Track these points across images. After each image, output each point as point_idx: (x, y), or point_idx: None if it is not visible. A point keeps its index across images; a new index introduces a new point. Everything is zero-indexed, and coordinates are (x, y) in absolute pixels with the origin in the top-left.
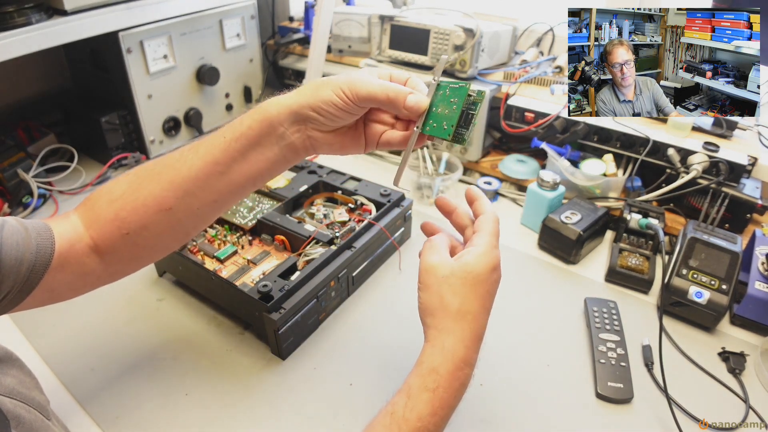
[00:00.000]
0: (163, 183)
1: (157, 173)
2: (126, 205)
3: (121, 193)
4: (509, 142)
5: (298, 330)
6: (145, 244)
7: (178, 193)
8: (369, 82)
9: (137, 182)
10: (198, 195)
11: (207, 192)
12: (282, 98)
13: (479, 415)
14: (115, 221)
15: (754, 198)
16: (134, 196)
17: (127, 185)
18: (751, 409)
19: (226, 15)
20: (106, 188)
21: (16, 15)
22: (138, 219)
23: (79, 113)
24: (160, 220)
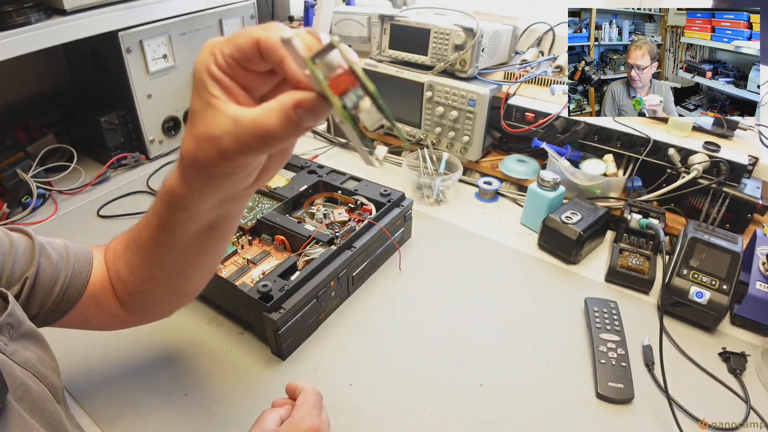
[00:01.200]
0: (137, 255)
1: (134, 243)
2: (125, 266)
3: (122, 253)
4: (509, 142)
5: (298, 330)
6: (151, 302)
7: (153, 264)
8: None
9: (126, 247)
10: (161, 267)
11: (166, 262)
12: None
13: (480, 415)
14: (119, 281)
15: (755, 198)
16: (126, 260)
17: (125, 245)
18: (752, 410)
19: (226, 15)
20: (117, 241)
21: (16, 14)
22: (133, 284)
23: (78, 113)
24: (150, 288)
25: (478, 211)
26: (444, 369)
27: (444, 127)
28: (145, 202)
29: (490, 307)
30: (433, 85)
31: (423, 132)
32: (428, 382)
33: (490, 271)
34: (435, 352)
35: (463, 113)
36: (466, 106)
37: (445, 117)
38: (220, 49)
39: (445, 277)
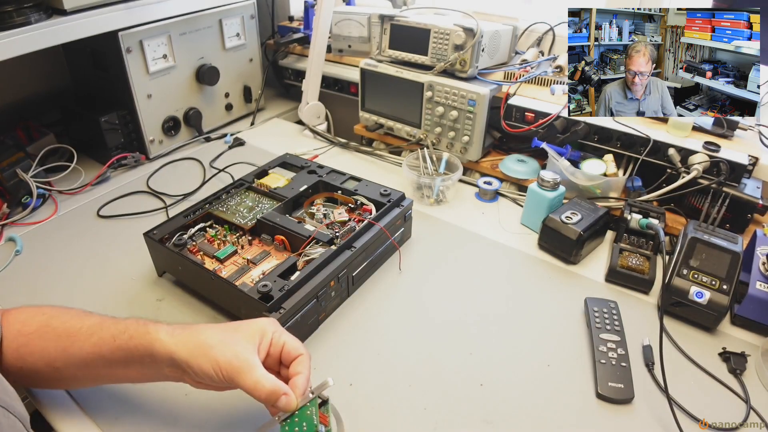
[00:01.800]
0: (59, 347)
1: (58, 335)
2: (28, 345)
3: (30, 332)
4: (509, 142)
5: (298, 330)
6: (35, 381)
7: (67, 361)
8: (248, 375)
9: (45, 331)
10: (83, 371)
11: (92, 372)
12: (168, 341)
13: (480, 415)
14: (15, 353)
15: (755, 198)
16: (37, 342)
17: (37, 327)
18: (752, 410)
19: (226, 15)
20: (27, 315)
21: (16, 14)
22: (32, 363)
23: (78, 113)
24: (50, 374)
25: (478, 211)
26: (444, 369)
27: (444, 127)
28: (145, 202)
29: (490, 307)
30: (433, 85)
31: (423, 132)
32: (428, 382)
33: (490, 271)
34: (435, 352)
35: (463, 113)
36: (466, 106)
37: (445, 117)
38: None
39: (445, 277)
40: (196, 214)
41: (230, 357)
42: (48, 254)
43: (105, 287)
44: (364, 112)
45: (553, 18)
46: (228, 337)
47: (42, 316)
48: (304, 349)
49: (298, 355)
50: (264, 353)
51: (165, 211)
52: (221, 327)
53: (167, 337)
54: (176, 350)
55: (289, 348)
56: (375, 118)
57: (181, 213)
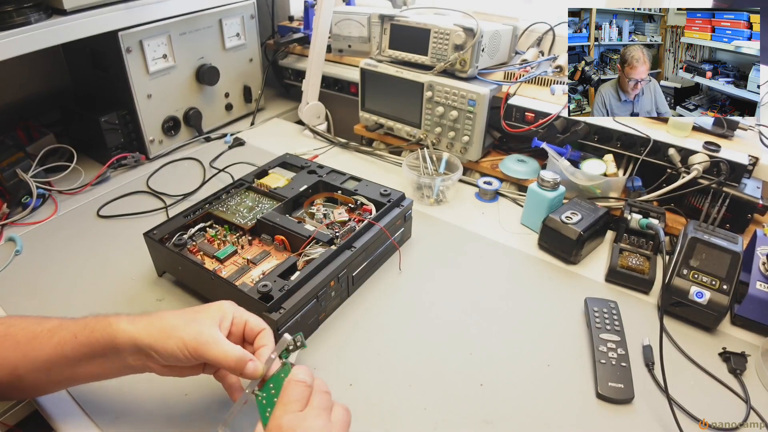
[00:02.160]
0: (20, 353)
1: (18, 341)
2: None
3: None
4: (509, 142)
5: (298, 330)
6: (1, 391)
7: (29, 366)
8: (214, 347)
9: (5, 339)
10: (46, 374)
11: (54, 374)
12: (130, 328)
13: (480, 415)
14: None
15: (755, 198)
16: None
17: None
18: (753, 410)
19: (226, 14)
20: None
21: (15, 14)
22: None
23: (78, 113)
24: (13, 382)
25: (478, 211)
26: (444, 369)
27: (444, 127)
28: (145, 202)
29: (490, 307)
30: (433, 85)
31: (423, 132)
32: (428, 382)
33: (490, 271)
34: (435, 352)
35: (463, 113)
36: (466, 106)
37: (445, 117)
38: (239, 315)
39: (445, 277)
40: (196, 214)
41: (195, 334)
42: (48, 254)
43: (105, 287)
44: (364, 112)
45: (553, 18)
46: (190, 318)
47: (1, 326)
48: (265, 324)
49: (261, 330)
50: (226, 331)
51: (165, 211)
52: (182, 311)
53: (128, 325)
54: (139, 336)
55: (252, 325)
56: (375, 118)
57: (181, 213)
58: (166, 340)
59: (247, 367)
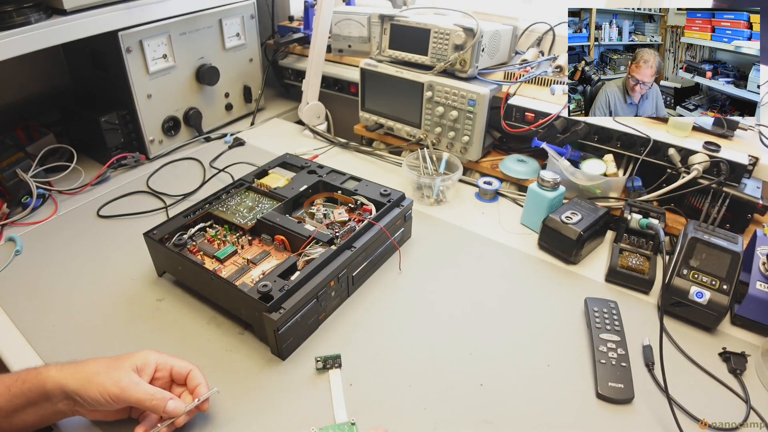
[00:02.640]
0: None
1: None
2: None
3: None
4: (509, 142)
5: (298, 330)
6: None
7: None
8: (134, 390)
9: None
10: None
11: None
12: (58, 375)
13: (480, 415)
14: None
15: (755, 198)
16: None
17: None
18: (753, 410)
19: (226, 15)
20: None
21: (15, 14)
22: None
23: (78, 113)
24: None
25: (478, 211)
26: (444, 369)
27: (444, 127)
28: (145, 202)
29: (490, 307)
30: (433, 85)
31: (423, 132)
32: (428, 382)
33: (490, 271)
34: (435, 351)
35: (463, 113)
36: (466, 106)
37: (445, 117)
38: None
39: (445, 277)
40: (196, 214)
41: (115, 380)
42: (48, 254)
43: (105, 287)
44: (364, 112)
45: (553, 18)
46: (111, 366)
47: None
48: (192, 365)
49: (189, 371)
50: (148, 378)
51: (165, 211)
52: (106, 359)
53: (57, 373)
54: (66, 382)
55: (178, 368)
56: (375, 118)
57: (181, 213)
58: (90, 385)
59: (167, 405)
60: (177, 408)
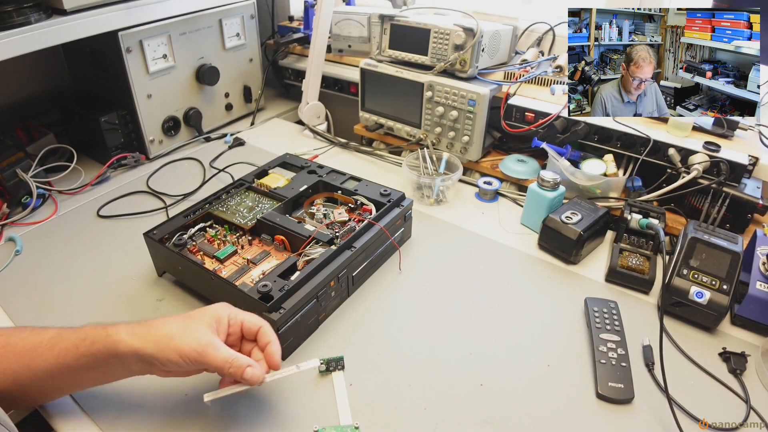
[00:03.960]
0: (23, 364)
1: (18, 352)
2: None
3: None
4: (509, 142)
5: (298, 330)
6: (3, 400)
7: (32, 376)
8: (212, 354)
9: (6, 350)
10: (49, 383)
11: (58, 382)
12: (131, 340)
13: (480, 415)
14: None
15: (755, 198)
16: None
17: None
18: (753, 410)
19: (226, 15)
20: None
21: (15, 14)
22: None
23: (78, 113)
24: (16, 392)
25: (478, 211)
26: (444, 369)
27: (444, 127)
28: (145, 202)
29: (490, 307)
30: (433, 85)
31: (423, 132)
32: (428, 382)
33: (490, 271)
34: (435, 351)
35: (463, 113)
36: (466, 106)
37: (445, 117)
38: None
39: (445, 277)
40: (196, 214)
41: (193, 344)
42: (48, 254)
43: (105, 287)
44: (364, 112)
45: (553, 18)
46: (186, 326)
47: (0, 337)
48: (263, 321)
49: (259, 327)
50: (224, 335)
51: (165, 211)
52: (178, 318)
53: (129, 337)
54: (141, 347)
55: (248, 324)
56: (375, 118)
57: (181, 213)
58: (167, 350)
59: (245, 372)
60: (255, 375)
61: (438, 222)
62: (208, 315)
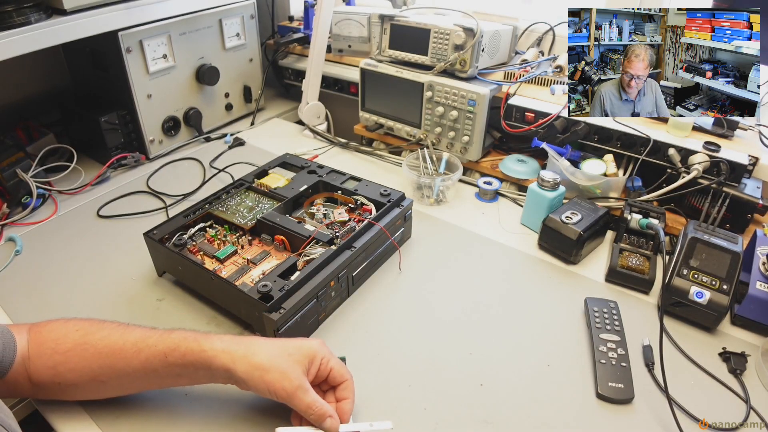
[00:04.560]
0: (103, 364)
1: (99, 352)
2: (67, 362)
3: (66, 350)
4: (509, 142)
5: (298, 330)
6: (73, 394)
7: (113, 376)
8: (300, 399)
9: (83, 348)
10: (132, 383)
11: (140, 384)
12: (224, 358)
13: (480, 415)
14: (52, 370)
15: (755, 198)
16: (76, 360)
17: (73, 344)
18: (752, 410)
19: (226, 14)
20: (59, 332)
21: (15, 14)
22: (72, 379)
23: (78, 113)
24: (93, 387)
25: (478, 211)
26: (444, 369)
27: (444, 127)
28: (145, 202)
29: (490, 307)
30: (433, 85)
31: (423, 132)
32: (428, 382)
33: (490, 271)
34: (435, 351)
35: (463, 113)
36: (466, 106)
37: (445, 117)
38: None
39: (445, 277)
40: (196, 214)
41: (284, 384)
42: (48, 254)
43: (105, 287)
44: (364, 112)
45: (553, 18)
46: (281, 362)
47: (76, 332)
48: (349, 375)
49: (344, 381)
50: (312, 376)
51: (165, 211)
52: (275, 346)
53: (225, 355)
54: (234, 368)
55: (336, 374)
56: (375, 118)
57: (181, 213)
58: (257, 380)
59: (325, 422)
60: (333, 427)
61: (438, 222)
62: (303, 352)
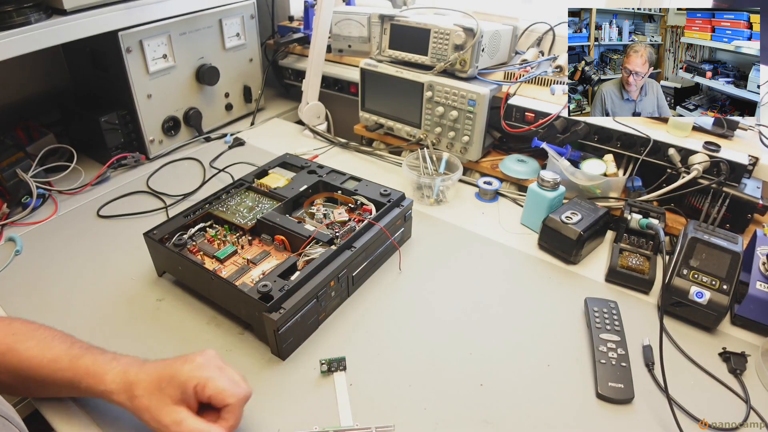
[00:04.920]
0: (26, 375)
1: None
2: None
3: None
4: (509, 142)
5: (298, 330)
6: (15, 392)
7: (37, 386)
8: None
9: (12, 354)
10: (59, 393)
11: (67, 393)
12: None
13: (480, 415)
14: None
15: (755, 198)
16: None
17: (6, 348)
18: (753, 410)
19: (226, 14)
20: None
21: (15, 14)
22: (6, 380)
23: (78, 113)
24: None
25: (478, 211)
26: (444, 369)
27: (444, 127)
28: (145, 202)
29: (490, 307)
30: (433, 85)
31: (423, 132)
32: (428, 382)
33: (490, 271)
34: (435, 352)
35: (463, 113)
36: (466, 106)
37: (445, 117)
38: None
39: (445, 277)
40: (196, 214)
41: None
42: (48, 254)
43: (105, 287)
44: (364, 112)
45: (553, 18)
46: (153, 399)
47: (12, 336)
48: (234, 398)
49: (225, 405)
50: (189, 402)
51: (165, 211)
52: (152, 380)
53: (117, 395)
54: (127, 405)
55: (215, 400)
56: (375, 118)
57: (181, 213)
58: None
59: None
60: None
61: (438, 222)
62: (174, 384)
